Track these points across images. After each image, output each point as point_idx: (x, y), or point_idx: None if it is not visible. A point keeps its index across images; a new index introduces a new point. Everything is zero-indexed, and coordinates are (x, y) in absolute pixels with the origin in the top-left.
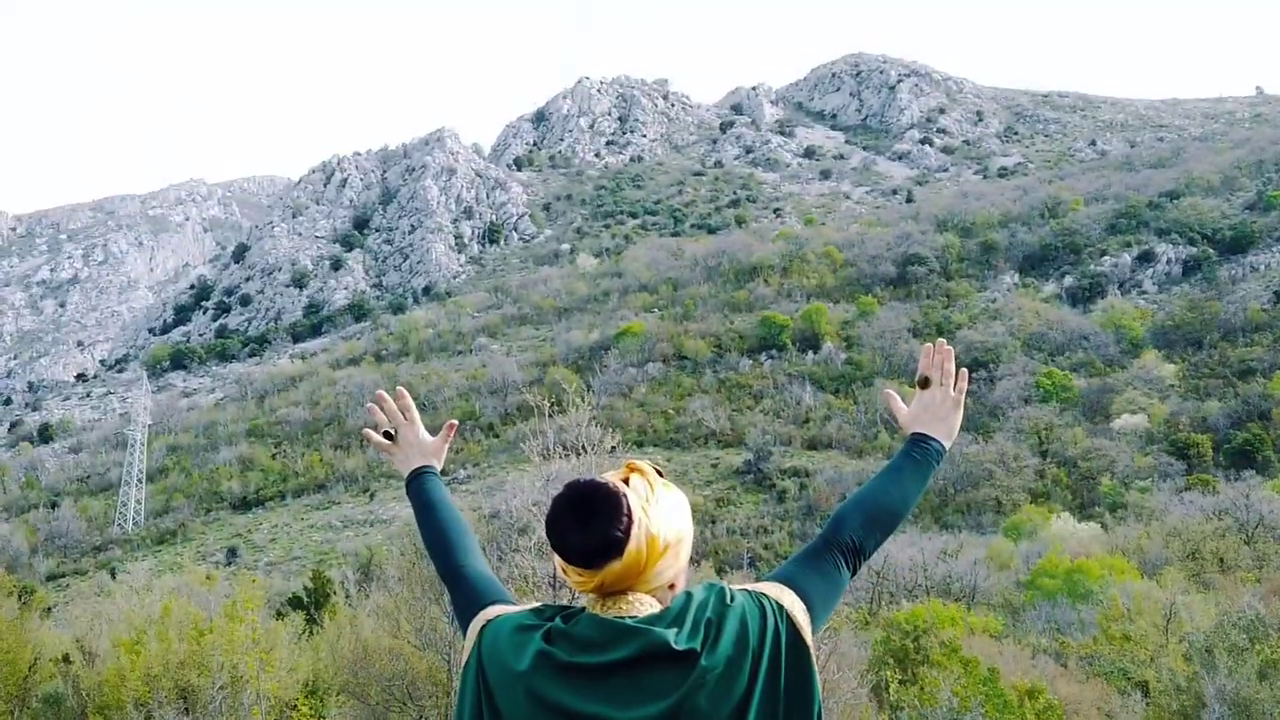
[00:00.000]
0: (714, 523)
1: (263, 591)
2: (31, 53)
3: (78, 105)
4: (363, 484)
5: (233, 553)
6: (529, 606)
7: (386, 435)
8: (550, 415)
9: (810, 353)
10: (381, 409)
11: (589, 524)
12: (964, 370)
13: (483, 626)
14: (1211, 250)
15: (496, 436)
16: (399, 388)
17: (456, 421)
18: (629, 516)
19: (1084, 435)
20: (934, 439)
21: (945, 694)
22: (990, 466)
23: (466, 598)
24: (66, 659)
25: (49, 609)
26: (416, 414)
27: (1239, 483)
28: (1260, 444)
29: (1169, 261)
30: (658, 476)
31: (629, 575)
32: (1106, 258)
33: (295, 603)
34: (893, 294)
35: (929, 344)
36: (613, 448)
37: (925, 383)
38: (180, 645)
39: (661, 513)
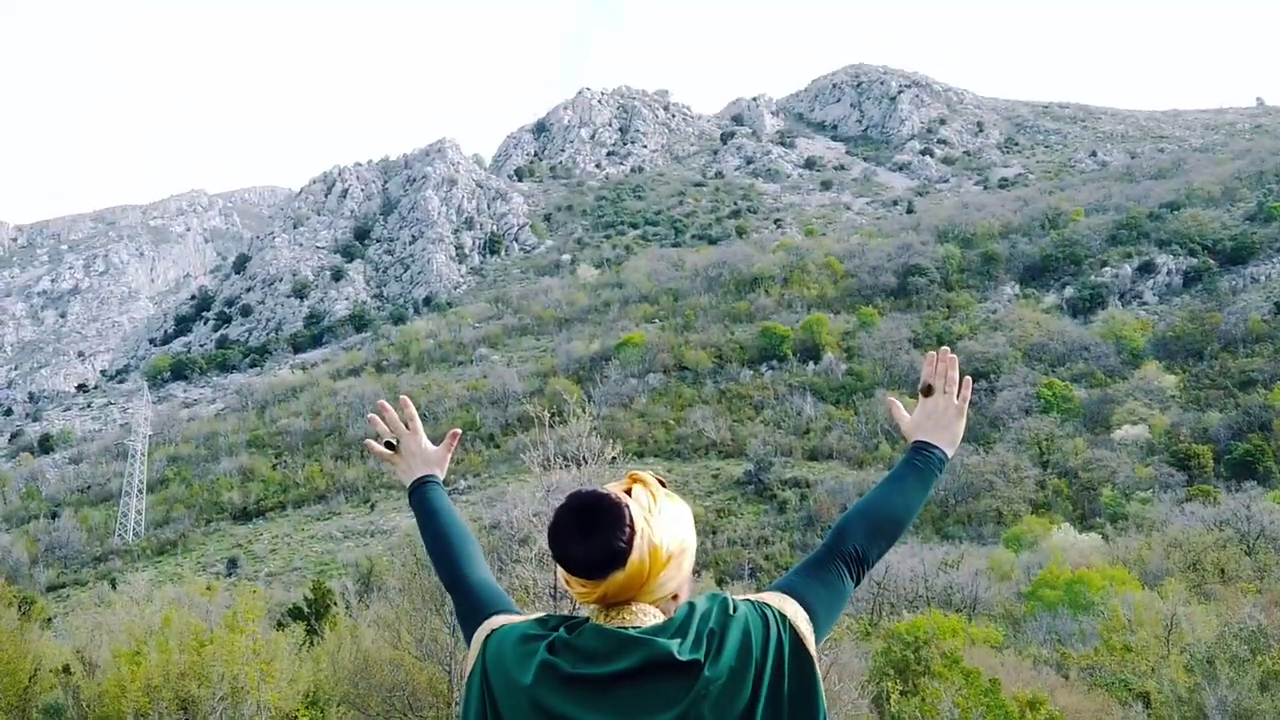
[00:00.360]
0: (715, 533)
1: (263, 602)
2: (31, 54)
3: (78, 107)
4: (363, 495)
5: (233, 563)
6: (533, 616)
7: (389, 445)
8: (551, 426)
9: (811, 363)
10: (383, 419)
11: (592, 535)
12: (967, 379)
13: (487, 636)
14: (1212, 261)
15: (497, 447)
16: (402, 397)
17: (460, 430)
18: (631, 527)
19: (1085, 446)
20: (936, 447)
21: (946, 705)
22: (991, 477)
23: (470, 607)
24: (67, 670)
25: (49, 620)
26: (419, 423)
27: (1240, 494)
28: (1261, 455)
29: (1169, 272)
30: (660, 487)
31: (632, 586)
32: (1107, 269)
33: (296, 613)
34: (893, 305)
35: (932, 352)
36: (613, 458)
37: (928, 390)
38: (181, 656)
39: (664, 523)
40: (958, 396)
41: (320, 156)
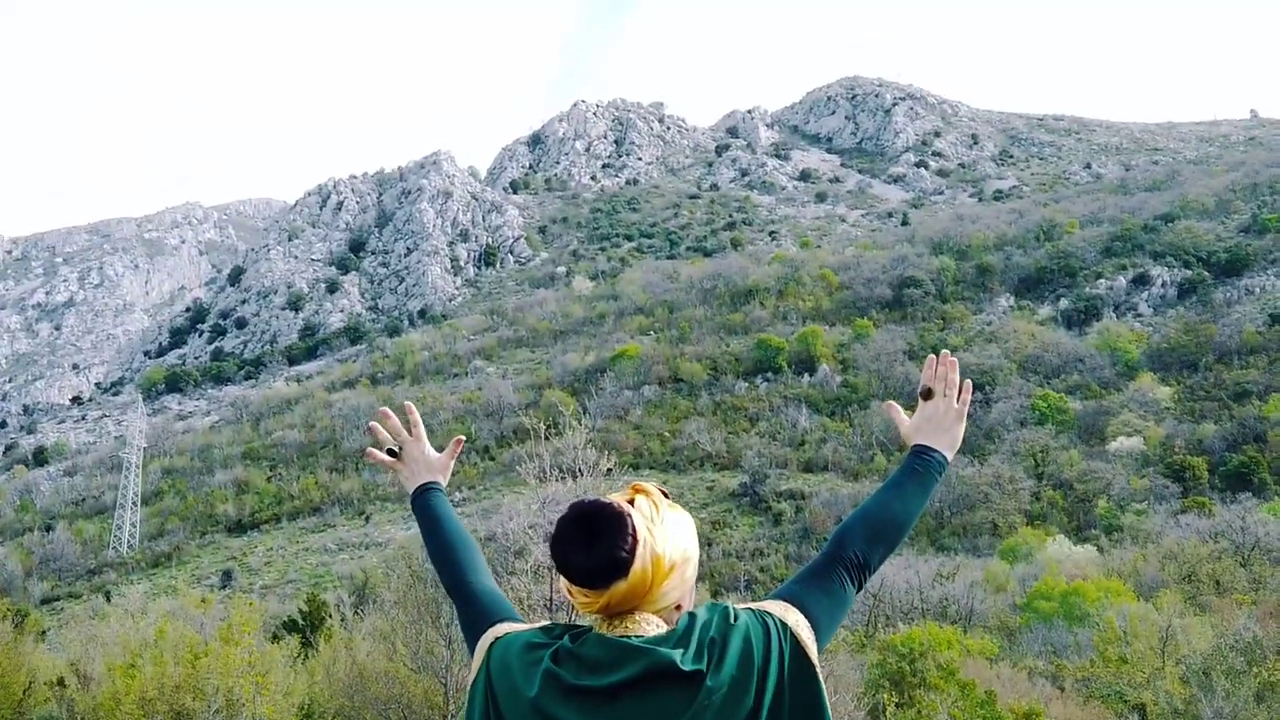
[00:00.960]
0: (710, 545)
1: (258, 615)
2: (27, 57)
3: (75, 111)
4: (358, 507)
5: (228, 576)
6: (538, 625)
7: (390, 452)
8: (546, 438)
9: (806, 375)
10: (385, 426)
11: (594, 544)
12: (968, 382)
13: (491, 644)
14: (1206, 273)
15: (492, 459)
16: (406, 403)
17: (464, 437)
18: (634, 536)
19: (1080, 458)
20: (936, 451)
21: (943, 717)
22: (986, 489)
23: (474, 615)
24: (61, 682)
25: (43, 633)
26: (422, 429)
27: (1235, 505)
28: (1256, 466)
29: (1164, 284)
30: (663, 497)
31: (635, 595)
32: (1102, 281)
33: (290, 626)
34: (888, 317)
35: (932, 355)
36: (609, 470)
37: (928, 394)
38: (175, 669)
39: (666, 533)
40: (958, 400)
41: (316, 165)
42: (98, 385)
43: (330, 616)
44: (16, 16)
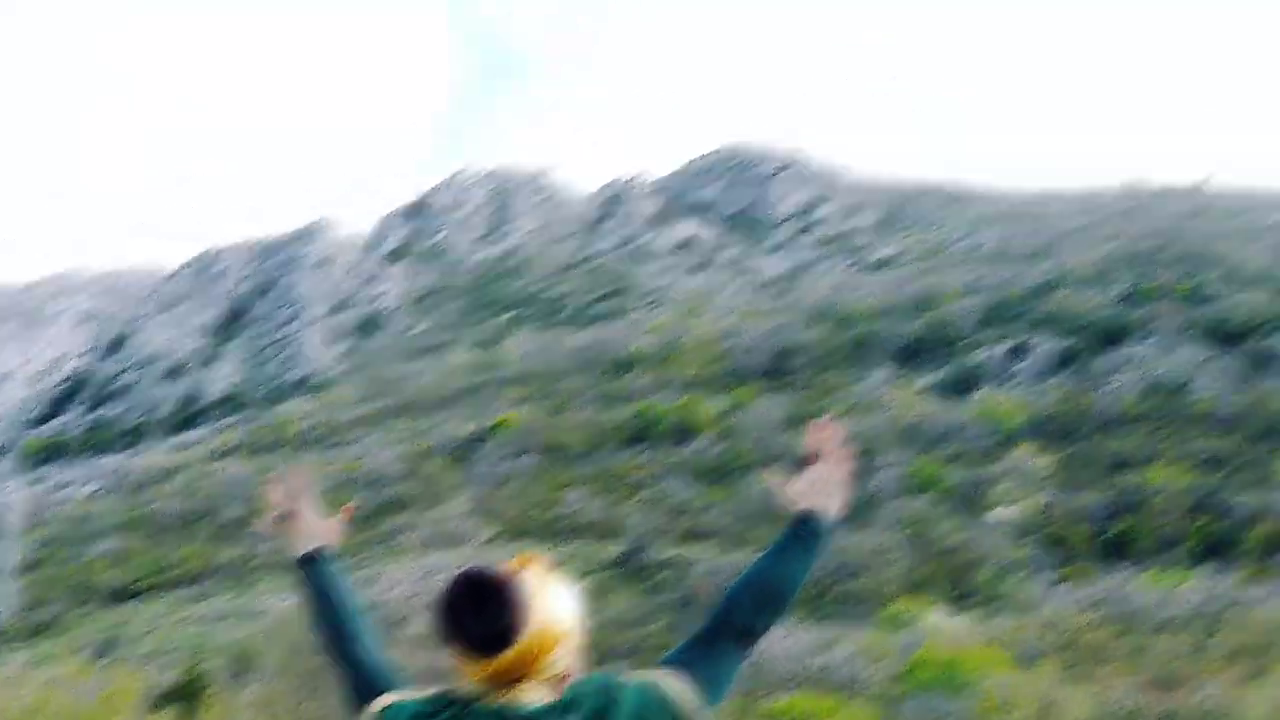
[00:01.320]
0: (592, 614)
1: (139, 684)
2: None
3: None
4: (239, 576)
5: (107, 645)
6: (426, 694)
7: (281, 517)
8: (427, 507)
9: (687, 444)
10: (273, 493)
11: (481, 612)
12: (851, 447)
13: (378, 714)
14: (1085, 343)
15: (372, 528)
16: (295, 467)
17: (354, 505)
18: (522, 605)
19: (959, 527)
20: (820, 516)
21: None
22: (866, 559)
23: (357, 685)
24: None
25: None
26: (311, 495)
27: (1114, 574)
28: (1135, 535)
29: (1043, 354)
30: (550, 568)
31: (522, 664)
32: (981, 350)
33: (170, 696)
34: (768, 385)
35: (814, 420)
36: (489, 539)
37: (810, 459)
38: None
39: (554, 602)
40: (841, 465)
41: (195, 239)
42: None
43: (210, 686)
44: None
